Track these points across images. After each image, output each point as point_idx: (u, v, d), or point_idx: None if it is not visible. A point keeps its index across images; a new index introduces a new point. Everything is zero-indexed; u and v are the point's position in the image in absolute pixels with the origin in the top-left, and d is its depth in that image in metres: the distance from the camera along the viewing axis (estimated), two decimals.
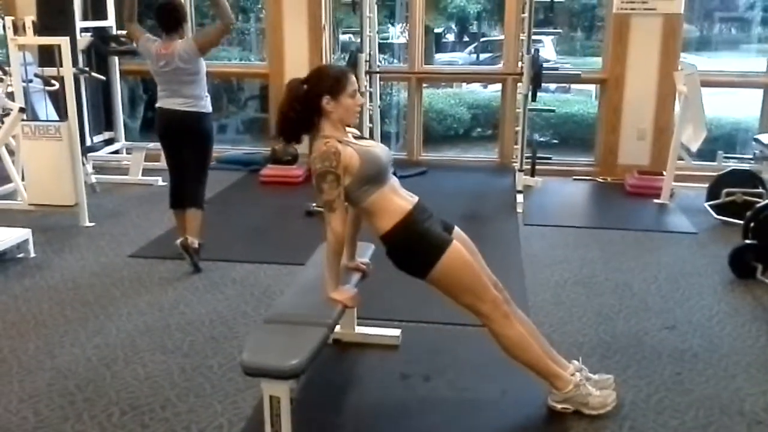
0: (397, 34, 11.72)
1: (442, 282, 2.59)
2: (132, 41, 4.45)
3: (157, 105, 4.27)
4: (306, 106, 2.53)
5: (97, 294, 3.88)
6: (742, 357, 3.18)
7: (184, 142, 4.26)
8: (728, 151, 6.41)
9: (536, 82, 5.40)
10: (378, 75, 6.27)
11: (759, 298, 3.81)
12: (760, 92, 6.46)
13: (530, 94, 5.50)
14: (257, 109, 8.17)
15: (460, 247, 2.60)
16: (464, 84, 10.24)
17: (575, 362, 2.77)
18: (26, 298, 3.82)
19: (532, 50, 5.41)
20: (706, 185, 5.49)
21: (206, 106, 4.27)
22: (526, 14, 5.41)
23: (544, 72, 5.41)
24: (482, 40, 14.02)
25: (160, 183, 6.26)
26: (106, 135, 6.81)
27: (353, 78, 2.59)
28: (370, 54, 5.83)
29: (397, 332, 3.26)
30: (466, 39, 14.86)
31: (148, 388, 2.91)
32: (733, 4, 11.13)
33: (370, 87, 5.97)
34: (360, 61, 5.59)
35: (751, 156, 5.61)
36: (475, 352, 3.13)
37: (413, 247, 2.57)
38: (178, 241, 4.24)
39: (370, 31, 5.85)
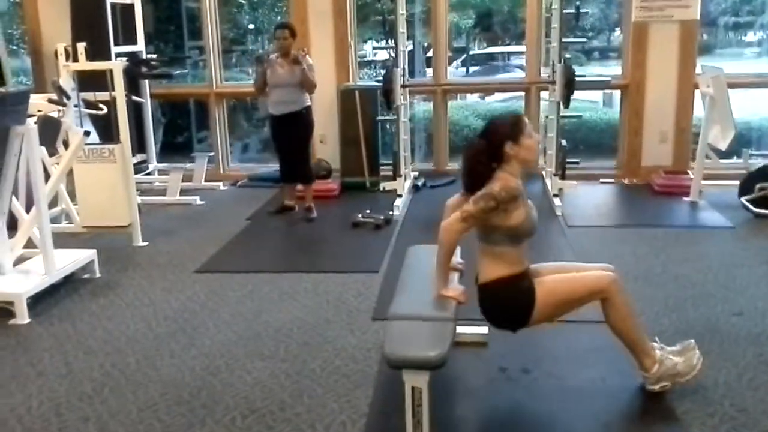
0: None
1: (549, 317, 2.80)
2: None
3: (271, 112, 5.60)
4: (489, 156, 2.71)
5: (175, 309, 3.97)
6: None
7: (290, 134, 5.59)
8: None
9: (569, 89, 5.58)
10: (408, 89, 6.43)
11: None
12: None
13: (562, 101, 5.69)
14: None
15: (540, 280, 2.76)
16: (467, 96, 10.51)
17: (654, 343, 2.92)
18: (108, 317, 3.89)
19: (563, 59, 5.59)
20: (731, 182, 5.71)
21: (305, 101, 5.56)
22: (557, 24, 5.61)
23: (576, 79, 5.59)
24: (471, 53, 14.32)
25: (198, 202, 6.38)
26: (138, 157, 6.90)
27: (526, 119, 2.77)
28: (404, 68, 5.99)
29: (484, 329, 3.39)
30: (449, 54, 15.14)
31: (260, 392, 3.02)
32: (740, 8, 11.45)
33: (404, 100, 6.12)
34: (396, 76, 5.74)
35: None
36: (563, 344, 3.28)
37: (510, 305, 2.77)
38: (286, 202, 5.88)
39: (402, 47, 6.02)
